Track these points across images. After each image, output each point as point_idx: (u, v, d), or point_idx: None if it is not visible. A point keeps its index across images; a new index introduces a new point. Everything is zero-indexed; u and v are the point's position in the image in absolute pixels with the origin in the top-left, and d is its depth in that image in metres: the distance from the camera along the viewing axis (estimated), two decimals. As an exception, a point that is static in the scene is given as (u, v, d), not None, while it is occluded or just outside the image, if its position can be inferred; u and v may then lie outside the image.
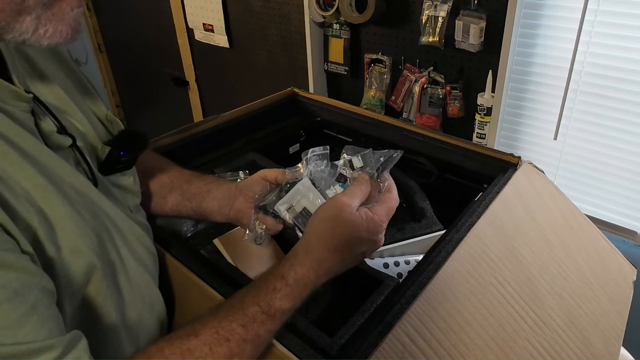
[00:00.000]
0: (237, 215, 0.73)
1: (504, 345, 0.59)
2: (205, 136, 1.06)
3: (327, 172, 0.67)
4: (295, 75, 1.89)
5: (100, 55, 2.95)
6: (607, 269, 0.83)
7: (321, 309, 0.73)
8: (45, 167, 0.46)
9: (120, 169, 0.60)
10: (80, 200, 0.49)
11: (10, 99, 0.46)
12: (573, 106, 1.28)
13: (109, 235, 0.52)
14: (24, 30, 0.42)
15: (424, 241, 0.81)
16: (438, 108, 1.45)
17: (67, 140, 0.51)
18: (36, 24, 0.42)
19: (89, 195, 0.51)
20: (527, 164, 0.91)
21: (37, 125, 0.49)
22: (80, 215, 0.47)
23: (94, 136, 0.58)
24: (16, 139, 0.44)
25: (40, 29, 0.42)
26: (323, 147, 0.68)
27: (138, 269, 0.57)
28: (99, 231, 0.50)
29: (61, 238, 0.45)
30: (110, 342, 0.51)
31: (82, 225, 0.47)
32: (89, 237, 0.48)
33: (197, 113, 2.52)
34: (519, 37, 1.29)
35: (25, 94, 0.47)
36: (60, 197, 0.46)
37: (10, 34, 0.42)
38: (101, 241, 0.50)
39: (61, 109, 0.54)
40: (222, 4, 1.97)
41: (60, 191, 0.46)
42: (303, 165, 0.68)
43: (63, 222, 0.45)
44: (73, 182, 0.49)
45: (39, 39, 0.43)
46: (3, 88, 0.45)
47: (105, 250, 0.50)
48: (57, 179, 0.47)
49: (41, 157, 0.46)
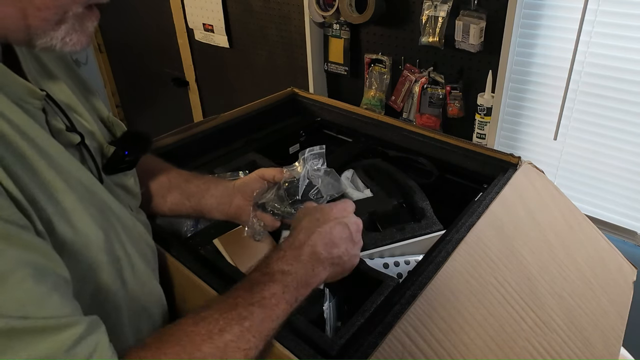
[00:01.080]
0: (236, 213, 0.74)
1: (504, 346, 0.59)
2: (205, 136, 1.06)
3: (322, 170, 0.67)
4: (295, 76, 1.89)
5: (100, 55, 2.95)
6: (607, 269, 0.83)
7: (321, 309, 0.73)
8: (57, 162, 0.47)
9: (123, 168, 0.61)
10: (87, 196, 0.50)
11: (25, 96, 0.47)
12: (573, 106, 1.28)
13: (115, 232, 0.53)
14: (56, 37, 0.45)
15: (424, 241, 0.81)
16: (438, 108, 1.45)
17: (75, 138, 0.52)
18: (65, 34, 0.46)
19: (97, 192, 0.53)
20: (527, 164, 0.91)
21: (48, 122, 0.50)
22: (88, 211, 0.49)
23: (100, 135, 0.59)
24: (32, 134, 0.45)
25: (67, 37, 0.46)
26: (319, 147, 0.68)
27: (142, 264, 0.58)
28: (105, 227, 0.51)
29: (74, 229, 0.46)
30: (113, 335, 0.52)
31: (89, 220, 0.48)
32: (96, 233, 0.49)
33: (197, 113, 2.52)
34: (519, 37, 1.29)
35: (39, 92, 0.48)
36: (70, 192, 0.47)
37: (43, 40, 0.45)
38: (108, 237, 0.51)
39: (70, 106, 0.56)
40: (222, 4, 1.97)
41: (69, 186, 0.47)
42: (300, 164, 0.69)
43: (74, 216, 0.47)
44: (81, 179, 0.50)
45: (63, 46, 0.46)
46: (20, 85, 0.46)
47: (111, 246, 0.51)
48: (67, 174, 0.48)
49: (53, 153, 0.47)
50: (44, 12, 0.43)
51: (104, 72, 3.00)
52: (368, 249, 0.78)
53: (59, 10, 0.44)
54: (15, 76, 0.46)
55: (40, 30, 0.44)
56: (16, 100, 0.45)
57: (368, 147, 1.11)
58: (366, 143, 1.12)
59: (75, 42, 0.47)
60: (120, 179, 0.61)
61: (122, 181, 0.62)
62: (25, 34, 0.44)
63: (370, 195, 0.93)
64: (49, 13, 0.44)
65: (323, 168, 0.69)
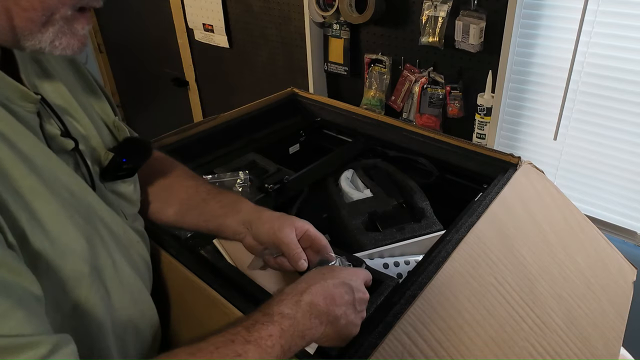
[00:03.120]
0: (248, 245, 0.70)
1: (504, 346, 0.59)
2: (205, 136, 1.06)
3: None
4: (295, 76, 1.89)
5: (100, 56, 2.95)
6: (607, 270, 0.83)
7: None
8: (41, 168, 0.46)
9: (122, 176, 0.60)
10: (73, 203, 0.49)
11: (16, 99, 0.46)
12: (573, 106, 1.28)
13: (101, 240, 0.52)
14: (44, 40, 0.45)
15: (424, 241, 0.81)
16: (438, 108, 1.45)
17: (69, 144, 0.52)
18: (54, 36, 0.45)
19: (86, 198, 0.51)
20: (527, 164, 0.91)
21: (42, 127, 0.49)
22: (71, 219, 0.47)
23: (97, 141, 0.58)
24: (14, 137, 0.44)
25: (57, 41, 0.46)
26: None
27: (131, 274, 0.57)
28: (90, 235, 0.50)
29: (50, 239, 0.44)
30: (97, 349, 0.50)
31: (71, 229, 0.47)
32: (78, 242, 0.47)
33: (197, 113, 2.52)
34: (519, 37, 1.29)
35: (33, 95, 0.47)
36: (52, 199, 0.46)
37: (30, 42, 0.44)
38: (92, 246, 0.49)
39: (67, 111, 0.55)
40: (222, 4, 1.97)
41: (52, 193, 0.46)
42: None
43: (52, 225, 0.45)
44: (70, 185, 0.49)
45: (52, 49, 0.46)
46: (12, 87, 0.46)
47: (95, 254, 0.50)
48: (52, 180, 0.47)
49: (38, 158, 0.46)
50: (30, 13, 0.43)
51: (104, 72, 3.00)
52: (368, 249, 0.79)
53: (46, 11, 0.44)
54: (7, 78, 0.45)
55: (27, 31, 0.44)
56: (3, 102, 0.44)
57: (368, 147, 1.11)
58: (366, 143, 1.12)
59: (65, 45, 0.46)
60: (118, 186, 0.60)
61: (120, 188, 0.61)
62: (11, 35, 0.44)
63: (370, 195, 0.93)
64: (35, 14, 0.43)
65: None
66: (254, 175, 0.99)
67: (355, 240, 0.81)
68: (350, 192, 0.94)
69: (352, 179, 1.00)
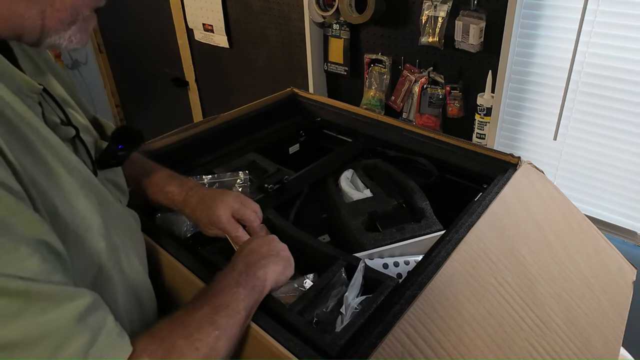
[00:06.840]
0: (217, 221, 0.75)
1: (504, 346, 0.59)
2: (205, 136, 1.06)
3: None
4: (295, 76, 1.89)
5: (100, 56, 2.95)
6: (607, 270, 0.83)
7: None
8: (58, 152, 0.49)
9: (113, 164, 0.62)
10: (87, 185, 0.51)
11: (23, 88, 0.48)
12: (573, 106, 1.28)
13: (112, 221, 0.54)
14: (66, 36, 0.48)
15: (423, 241, 0.81)
16: (438, 108, 1.45)
17: (71, 132, 0.54)
18: (73, 33, 0.49)
19: (93, 182, 0.54)
20: (527, 164, 0.91)
21: (44, 116, 0.51)
22: (88, 198, 0.50)
23: (94, 130, 0.60)
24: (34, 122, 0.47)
25: (74, 37, 0.49)
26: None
27: (135, 256, 0.59)
28: (104, 216, 0.52)
29: (74, 214, 0.47)
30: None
31: (89, 206, 0.50)
32: (96, 218, 0.50)
33: (197, 113, 2.52)
34: (519, 37, 1.29)
35: (37, 85, 0.49)
36: (71, 179, 0.48)
37: (52, 38, 0.48)
38: (106, 225, 0.52)
39: (66, 101, 0.57)
40: (222, 4, 1.97)
41: (70, 173, 0.49)
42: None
43: (75, 201, 0.48)
44: (80, 169, 0.52)
45: (69, 44, 0.49)
46: (18, 77, 0.47)
47: (109, 233, 0.52)
48: (67, 162, 0.49)
49: (54, 143, 0.49)
50: (61, 13, 0.46)
51: (104, 72, 3.00)
52: (368, 249, 0.79)
53: (74, 12, 0.47)
54: (14, 68, 0.47)
55: (54, 30, 0.47)
56: (15, 91, 0.46)
57: (368, 147, 1.11)
58: (366, 143, 1.12)
59: (78, 40, 0.50)
60: (111, 175, 0.63)
61: (112, 177, 0.63)
62: (39, 33, 0.46)
63: (370, 195, 0.93)
64: (65, 14, 0.47)
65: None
66: (254, 175, 0.99)
67: (355, 240, 0.81)
68: (350, 192, 0.94)
69: (352, 179, 1.00)
